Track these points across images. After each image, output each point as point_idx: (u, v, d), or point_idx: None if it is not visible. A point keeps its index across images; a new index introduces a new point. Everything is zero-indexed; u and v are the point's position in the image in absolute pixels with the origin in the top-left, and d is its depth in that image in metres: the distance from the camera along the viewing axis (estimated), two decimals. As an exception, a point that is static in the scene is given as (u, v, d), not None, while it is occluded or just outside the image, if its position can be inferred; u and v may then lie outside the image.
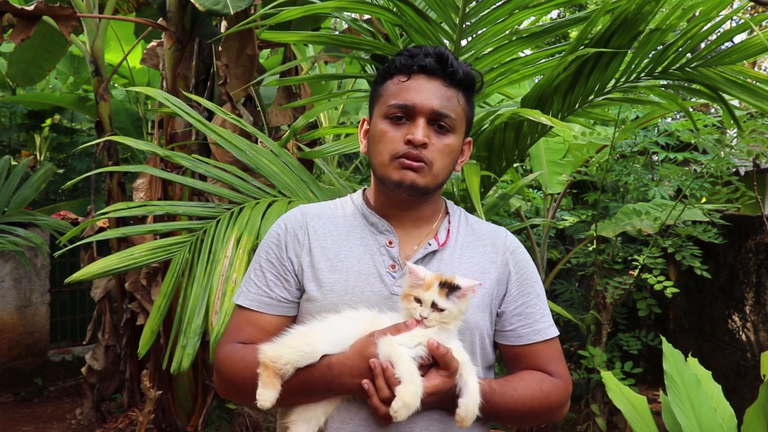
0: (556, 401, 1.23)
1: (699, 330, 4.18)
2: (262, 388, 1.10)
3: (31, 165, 6.17)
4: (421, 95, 1.19)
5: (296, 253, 1.24)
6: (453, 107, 1.21)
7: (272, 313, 1.23)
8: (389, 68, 1.25)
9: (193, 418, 3.61)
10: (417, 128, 1.18)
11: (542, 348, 1.25)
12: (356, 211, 1.29)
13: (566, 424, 4.14)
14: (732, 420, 1.93)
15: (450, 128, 1.21)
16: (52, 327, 5.43)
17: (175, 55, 3.40)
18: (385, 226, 1.25)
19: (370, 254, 1.22)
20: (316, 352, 1.10)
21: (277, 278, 1.23)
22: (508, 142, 2.18)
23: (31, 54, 4.48)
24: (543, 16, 2.64)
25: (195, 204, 2.26)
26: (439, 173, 1.21)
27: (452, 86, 1.22)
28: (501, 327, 1.25)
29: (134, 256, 2.01)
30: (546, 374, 1.24)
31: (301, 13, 2.02)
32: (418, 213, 1.26)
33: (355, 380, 1.07)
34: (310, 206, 1.33)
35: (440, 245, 1.24)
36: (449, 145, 1.21)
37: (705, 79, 2.11)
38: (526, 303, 1.26)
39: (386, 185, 1.22)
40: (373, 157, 1.24)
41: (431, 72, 1.21)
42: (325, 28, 3.92)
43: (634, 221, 3.52)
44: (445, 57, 1.21)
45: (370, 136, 1.26)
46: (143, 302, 3.75)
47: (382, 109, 1.22)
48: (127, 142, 2.24)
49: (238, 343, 1.22)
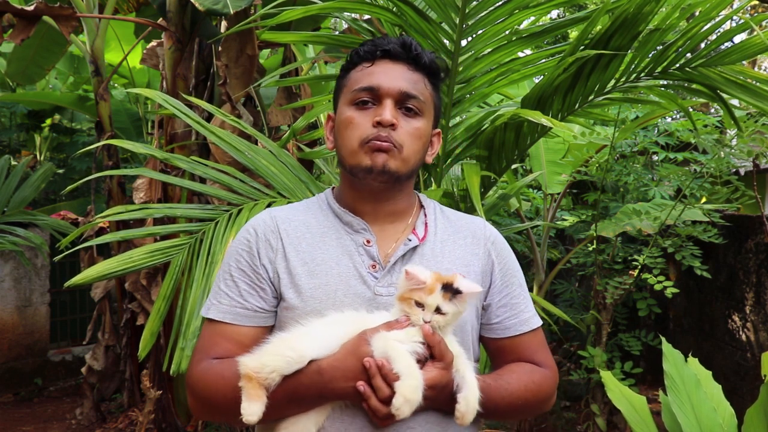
0: (546, 392, 1.22)
1: (699, 330, 4.17)
2: (246, 401, 1.01)
3: (31, 165, 6.17)
4: (386, 77, 1.17)
5: (270, 259, 1.17)
6: (420, 90, 1.19)
7: (248, 324, 1.15)
8: (352, 58, 1.23)
9: (193, 418, 3.61)
10: (384, 109, 1.14)
11: (528, 338, 1.23)
12: (328, 211, 1.23)
13: (566, 424, 4.14)
14: (732, 420, 1.93)
15: (418, 110, 1.18)
16: (52, 327, 5.43)
17: (175, 55, 3.40)
18: (361, 225, 1.19)
19: (349, 255, 1.17)
20: (303, 357, 1.03)
21: (251, 287, 1.16)
22: (508, 142, 2.18)
23: (31, 53, 4.48)
24: (543, 17, 2.64)
25: (193, 206, 2.26)
26: (410, 157, 1.17)
27: (417, 70, 1.20)
28: (487, 320, 1.23)
29: (133, 259, 2.01)
30: (534, 365, 1.22)
31: (301, 13, 2.02)
32: (392, 207, 1.22)
33: (349, 383, 1.01)
34: (278, 209, 1.26)
35: (420, 240, 1.20)
36: (418, 128, 1.18)
37: (705, 79, 2.11)
38: (511, 294, 1.23)
39: (357, 174, 1.17)
40: (341, 147, 1.19)
41: (396, 56, 1.19)
42: (325, 28, 3.91)
43: (634, 221, 3.52)
44: (409, 43, 1.20)
45: (336, 127, 1.22)
46: (143, 302, 3.75)
47: (347, 96, 1.19)
48: (126, 145, 2.24)
49: (213, 360, 1.13)
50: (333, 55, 2.72)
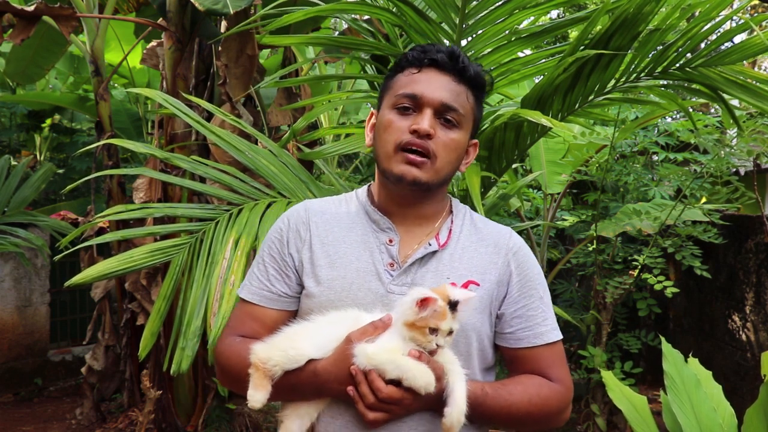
0: (555, 407, 1.21)
1: (699, 330, 4.17)
2: (252, 389, 1.11)
3: (31, 165, 6.17)
4: (430, 87, 1.19)
5: (297, 248, 1.24)
6: (461, 102, 1.21)
7: (273, 307, 1.24)
8: (401, 62, 1.26)
9: (193, 418, 3.61)
10: (423, 118, 1.17)
11: (543, 352, 1.22)
12: (359, 208, 1.28)
13: (566, 424, 4.14)
14: (732, 420, 1.93)
15: (457, 123, 1.20)
16: (52, 327, 5.42)
17: (175, 55, 3.40)
18: (387, 224, 1.24)
19: (370, 251, 1.21)
20: (302, 356, 1.11)
21: (279, 273, 1.24)
22: (508, 142, 2.18)
23: (31, 53, 4.48)
24: (542, 17, 2.64)
25: (194, 206, 2.26)
26: (443, 168, 1.20)
27: (462, 83, 1.22)
28: (500, 329, 1.24)
29: (134, 258, 2.01)
30: (545, 379, 1.21)
31: (302, 16, 2.02)
32: (420, 211, 1.25)
33: (341, 386, 1.08)
34: (315, 201, 1.32)
35: (440, 245, 1.22)
36: (455, 140, 1.20)
37: (705, 79, 2.11)
38: (528, 305, 1.23)
39: (388, 178, 1.21)
40: (379, 147, 1.23)
41: (442, 66, 1.21)
42: (325, 29, 3.91)
43: (634, 221, 3.52)
44: (457, 54, 1.22)
45: (377, 126, 1.25)
46: (143, 302, 3.75)
47: (391, 99, 1.22)
48: (127, 145, 2.24)
49: (237, 337, 1.23)
50: (333, 56, 2.72)
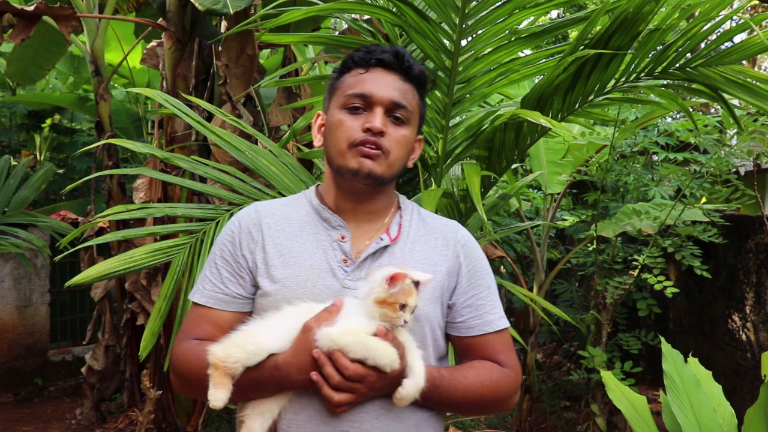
0: (505, 390, 1.27)
1: (699, 330, 4.18)
2: (213, 388, 1.12)
3: (31, 165, 6.17)
4: (379, 86, 1.24)
5: (250, 249, 1.26)
6: (409, 100, 1.26)
7: (227, 309, 1.25)
8: (347, 62, 1.29)
9: (193, 418, 3.61)
10: (375, 116, 1.22)
11: (492, 339, 1.28)
12: (310, 207, 1.31)
13: (566, 424, 4.14)
14: (732, 420, 1.93)
15: (405, 120, 1.26)
16: (52, 327, 5.43)
17: (175, 55, 3.40)
18: (338, 221, 1.27)
19: (323, 249, 1.24)
20: (262, 350, 1.13)
21: (232, 275, 1.26)
22: (508, 142, 2.18)
23: (31, 53, 4.48)
24: (542, 17, 2.64)
25: (194, 206, 2.26)
26: (395, 163, 1.25)
27: (408, 81, 1.28)
28: (452, 318, 1.29)
29: (134, 258, 2.01)
30: (496, 364, 1.27)
31: (302, 15, 2.02)
32: (371, 207, 1.29)
33: (304, 376, 1.11)
34: (264, 203, 1.35)
35: (392, 240, 1.27)
36: (405, 136, 1.26)
37: (705, 79, 2.11)
38: (477, 295, 1.29)
39: (343, 174, 1.24)
40: (330, 146, 1.26)
41: (388, 66, 1.26)
42: (325, 28, 3.92)
43: (634, 221, 3.52)
44: (402, 53, 1.27)
45: (326, 127, 1.29)
46: (143, 302, 3.75)
47: (340, 100, 1.26)
48: (127, 144, 2.24)
49: (193, 340, 1.24)
50: (333, 56, 2.72)
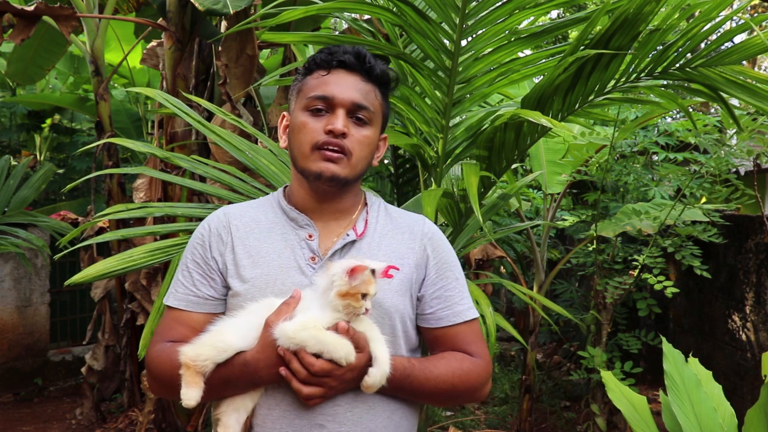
0: (476, 380, 1.28)
1: (699, 330, 4.17)
2: (185, 387, 1.14)
3: (31, 165, 6.17)
4: (340, 87, 1.25)
5: (220, 252, 1.28)
6: (371, 100, 1.28)
7: (200, 311, 1.27)
8: (309, 64, 1.30)
9: (193, 418, 3.61)
10: (337, 118, 1.23)
11: (462, 329, 1.30)
12: (277, 208, 1.33)
13: (566, 424, 4.14)
14: (732, 420, 1.93)
15: (368, 121, 1.27)
16: (52, 327, 5.43)
17: (175, 55, 3.40)
18: (305, 221, 1.29)
19: (291, 248, 1.26)
20: (230, 347, 1.15)
21: (204, 277, 1.28)
22: (508, 142, 2.18)
23: (31, 53, 4.48)
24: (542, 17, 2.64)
25: (194, 205, 2.26)
26: (358, 164, 1.26)
27: (369, 81, 1.29)
28: (421, 310, 1.30)
29: (133, 258, 2.01)
30: (467, 355, 1.29)
31: (301, 14, 2.01)
32: (337, 205, 1.31)
33: (272, 370, 1.13)
34: (233, 207, 1.37)
35: (358, 235, 1.28)
36: (368, 137, 1.27)
37: (705, 79, 2.11)
38: (445, 286, 1.31)
39: (306, 177, 1.26)
40: (294, 148, 1.28)
41: (350, 67, 1.27)
42: (325, 28, 3.92)
43: (634, 221, 3.51)
44: (363, 54, 1.28)
45: (290, 129, 1.30)
46: (143, 302, 3.76)
47: (302, 102, 1.27)
48: (127, 144, 2.24)
49: (167, 343, 1.25)
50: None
